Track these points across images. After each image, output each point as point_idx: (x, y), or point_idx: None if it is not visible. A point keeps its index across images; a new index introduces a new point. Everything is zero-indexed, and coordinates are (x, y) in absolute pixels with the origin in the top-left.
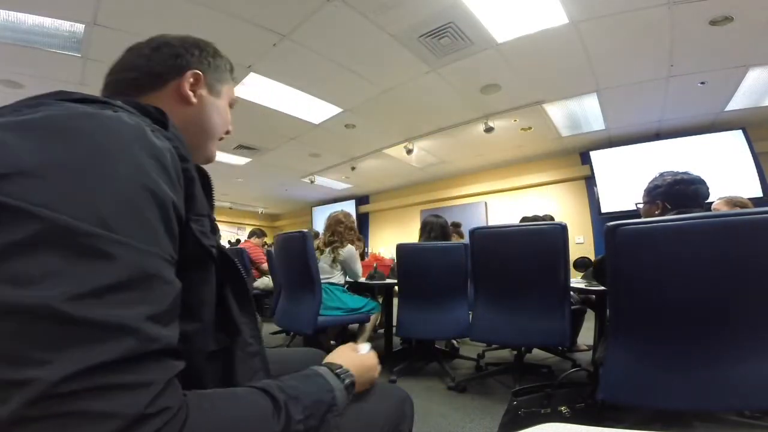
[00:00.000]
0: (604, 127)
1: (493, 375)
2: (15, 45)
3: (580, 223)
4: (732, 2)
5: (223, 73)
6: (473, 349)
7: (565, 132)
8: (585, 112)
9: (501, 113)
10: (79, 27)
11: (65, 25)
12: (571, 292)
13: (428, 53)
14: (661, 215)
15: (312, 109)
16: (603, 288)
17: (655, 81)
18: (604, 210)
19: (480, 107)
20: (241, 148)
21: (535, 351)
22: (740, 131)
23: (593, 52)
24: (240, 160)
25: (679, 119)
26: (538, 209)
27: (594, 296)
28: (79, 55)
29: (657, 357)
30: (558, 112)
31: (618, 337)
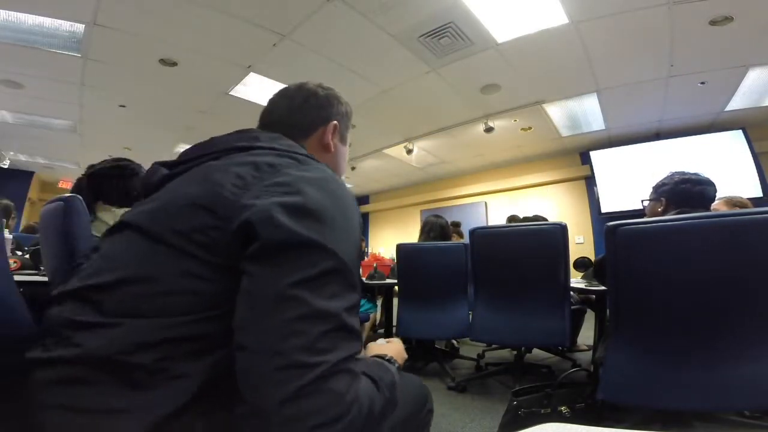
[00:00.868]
0: (604, 127)
1: (493, 375)
2: (15, 45)
3: (580, 223)
4: (732, 2)
5: (349, 121)
6: (473, 349)
7: (565, 132)
8: (585, 112)
9: (501, 113)
10: (79, 27)
11: (65, 25)
12: (571, 292)
13: (428, 53)
14: (663, 212)
15: None
16: (603, 288)
17: (655, 81)
18: (604, 210)
19: (480, 107)
20: None
21: (535, 351)
22: (740, 131)
23: (593, 52)
24: None
25: (679, 119)
26: (539, 209)
27: (594, 296)
28: (79, 55)
29: (657, 357)
30: (558, 112)
31: (618, 337)
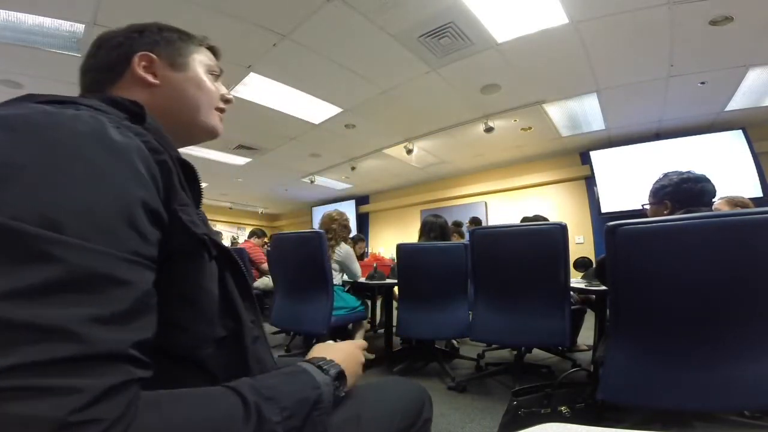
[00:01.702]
0: (604, 127)
1: (493, 375)
2: (15, 45)
3: (580, 223)
4: (732, 2)
5: (180, 46)
6: (473, 349)
7: (565, 132)
8: (585, 112)
9: (501, 113)
10: (79, 27)
11: (65, 25)
12: (571, 292)
13: (428, 53)
14: (669, 215)
15: (312, 109)
16: (603, 288)
17: (655, 81)
18: (604, 210)
19: (480, 107)
20: (241, 148)
21: (535, 351)
22: (740, 131)
23: (593, 52)
24: (240, 160)
25: (679, 119)
26: (538, 209)
27: (594, 296)
28: (79, 55)
29: (657, 357)
30: (558, 112)
31: (618, 337)
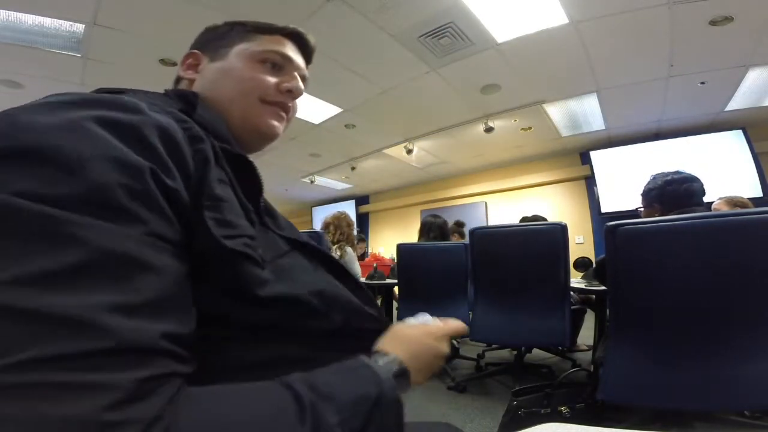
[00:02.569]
0: (604, 127)
1: (493, 375)
2: (15, 45)
3: (580, 223)
4: (732, 2)
5: (232, 35)
6: (473, 349)
7: (565, 132)
8: (585, 112)
9: (501, 113)
10: (79, 27)
11: (65, 25)
12: (571, 292)
13: (428, 53)
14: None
15: (312, 109)
16: (603, 288)
17: (655, 81)
18: (604, 210)
19: (480, 107)
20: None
21: (535, 351)
22: (740, 131)
23: (593, 52)
24: None
25: (679, 119)
26: (538, 209)
27: (594, 296)
28: (79, 55)
29: (657, 357)
30: (558, 112)
31: (618, 337)
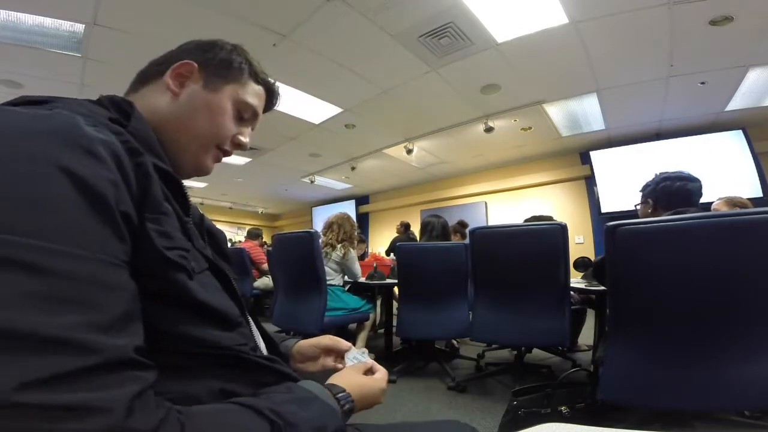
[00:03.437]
0: (604, 127)
1: (493, 375)
2: (15, 45)
3: (580, 223)
4: (732, 2)
5: (232, 69)
6: (473, 349)
7: (565, 132)
8: (585, 112)
9: (501, 113)
10: (79, 27)
11: (65, 25)
12: (572, 293)
13: (428, 53)
14: (653, 213)
15: (312, 109)
16: (603, 288)
17: (655, 81)
18: (604, 210)
19: (480, 107)
20: None
21: (535, 351)
22: (740, 131)
23: (593, 52)
24: (240, 160)
25: (679, 119)
26: (538, 209)
27: (594, 296)
28: (79, 55)
29: (657, 357)
30: (558, 112)
31: (618, 337)
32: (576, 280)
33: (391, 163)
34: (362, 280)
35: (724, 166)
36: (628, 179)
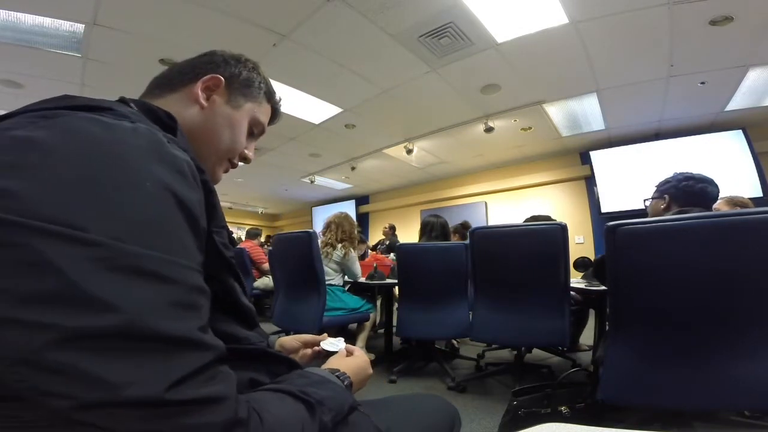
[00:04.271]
0: (604, 127)
1: (493, 375)
2: (15, 45)
3: (580, 223)
4: (732, 2)
5: (253, 89)
6: (473, 349)
7: (565, 132)
8: (585, 112)
9: (501, 113)
10: (79, 27)
11: (65, 25)
12: (573, 293)
13: (428, 53)
14: (666, 210)
15: (312, 109)
16: (603, 288)
17: (655, 81)
18: (604, 210)
19: (480, 107)
20: None
21: (535, 351)
22: (740, 131)
23: (593, 52)
24: None
25: (679, 119)
26: (538, 209)
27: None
28: (79, 55)
29: (657, 357)
30: (558, 112)
31: (618, 337)
32: (576, 280)
33: (391, 163)
34: (362, 280)
35: (724, 166)
36: (628, 179)
